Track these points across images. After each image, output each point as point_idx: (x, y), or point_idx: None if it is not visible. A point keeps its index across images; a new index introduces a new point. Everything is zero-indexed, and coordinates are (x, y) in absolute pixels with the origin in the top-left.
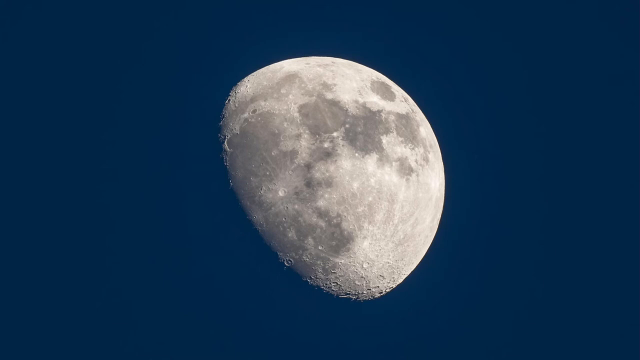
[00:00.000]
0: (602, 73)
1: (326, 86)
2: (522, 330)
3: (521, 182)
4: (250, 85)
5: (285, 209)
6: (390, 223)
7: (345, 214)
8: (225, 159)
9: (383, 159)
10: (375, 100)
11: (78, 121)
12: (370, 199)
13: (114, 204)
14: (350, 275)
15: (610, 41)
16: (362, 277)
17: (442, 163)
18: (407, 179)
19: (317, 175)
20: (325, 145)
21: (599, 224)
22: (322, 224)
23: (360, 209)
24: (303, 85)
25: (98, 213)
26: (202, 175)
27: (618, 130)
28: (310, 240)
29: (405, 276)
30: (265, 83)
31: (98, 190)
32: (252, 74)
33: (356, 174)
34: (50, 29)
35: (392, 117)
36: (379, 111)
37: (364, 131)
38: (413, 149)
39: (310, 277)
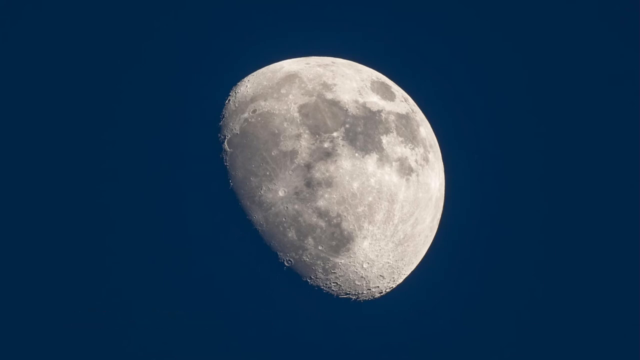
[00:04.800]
0: (602, 73)
1: (326, 86)
2: (522, 330)
3: (521, 182)
4: (250, 85)
5: (285, 209)
6: (390, 223)
7: (345, 214)
8: (225, 159)
9: (383, 159)
10: (375, 100)
11: (78, 121)
12: (370, 199)
13: (114, 204)
14: (350, 275)
15: (610, 41)
16: (362, 277)
17: (442, 163)
18: (407, 179)
19: (317, 175)
20: (325, 145)
21: (599, 223)
22: (322, 224)
23: (360, 209)
24: (303, 85)
25: (98, 213)
26: (202, 175)
27: (618, 130)
28: (310, 240)
29: (405, 276)
30: (265, 83)
31: (98, 190)
32: (252, 74)
33: (356, 174)
34: (50, 29)
35: (392, 117)
36: (379, 111)
37: (364, 131)
38: (413, 149)
39: (310, 277)
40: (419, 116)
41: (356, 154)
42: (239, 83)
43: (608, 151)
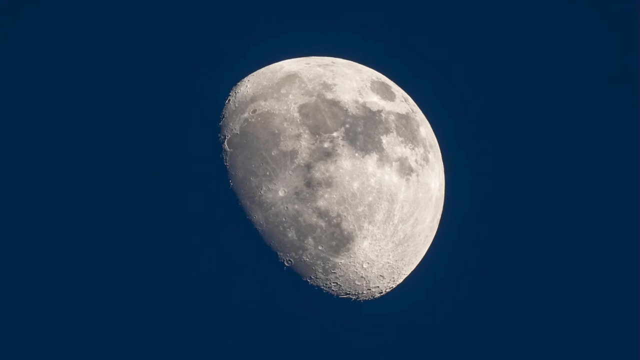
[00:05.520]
0: (602, 73)
1: (326, 86)
2: (522, 330)
3: (521, 182)
4: (250, 85)
5: (285, 209)
6: (390, 223)
7: (345, 214)
8: (225, 159)
9: (383, 159)
10: (375, 100)
11: (78, 121)
12: (370, 199)
13: (114, 204)
14: (350, 275)
15: (610, 41)
16: (362, 277)
17: (442, 163)
18: (407, 179)
19: (317, 175)
20: (325, 145)
21: (599, 223)
22: (322, 224)
23: (360, 209)
24: (303, 85)
25: (98, 213)
26: (202, 175)
27: (618, 130)
28: (310, 240)
29: (405, 276)
30: (265, 83)
31: (98, 190)
32: (252, 74)
33: (356, 174)
34: (50, 29)
35: (392, 117)
36: (379, 111)
37: (364, 131)
38: (413, 149)
39: (310, 277)
40: (419, 116)
41: (356, 154)
42: (239, 83)
43: (608, 151)
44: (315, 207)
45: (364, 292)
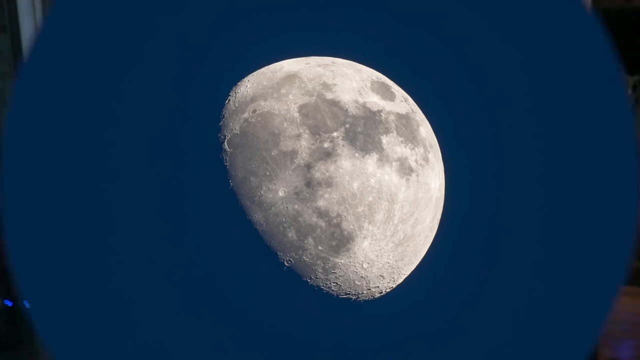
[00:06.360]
0: (602, 73)
1: (326, 86)
2: (522, 330)
3: (521, 182)
4: (250, 85)
5: (285, 209)
6: (390, 223)
7: (345, 214)
8: (225, 159)
9: (383, 159)
10: (375, 100)
11: (78, 121)
12: (370, 199)
13: (114, 204)
14: (350, 275)
15: (610, 41)
16: (362, 277)
17: (442, 163)
18: (407, 179)
19: (317, 175)
20: (325, 145)
21: (599, 224)
22: (322, 224)
23: (360, 209)
24: (303, 85)
25: (98, 213)
26: (202, 175)
27: (618, 131)
28: (310, 240)
29: (405, 276)
30: (265, 83)
31: (98, 190)
32: (252, 74)
33: (356, 174)
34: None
35: (392, 117)
36: (379, 111)
37: (364, 131)
38: (413, 149)
39: (310, 277)
40: (419, 116)
41: (356, 154)
42: (239, 83)
43: (608, 151)
44: (315, 207)
45: (364, 292)
